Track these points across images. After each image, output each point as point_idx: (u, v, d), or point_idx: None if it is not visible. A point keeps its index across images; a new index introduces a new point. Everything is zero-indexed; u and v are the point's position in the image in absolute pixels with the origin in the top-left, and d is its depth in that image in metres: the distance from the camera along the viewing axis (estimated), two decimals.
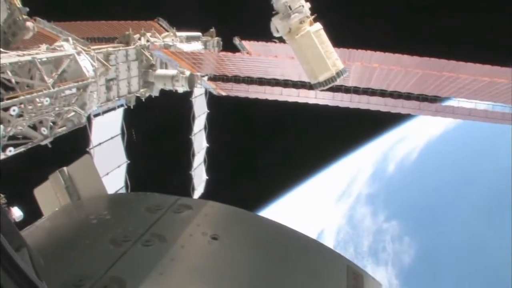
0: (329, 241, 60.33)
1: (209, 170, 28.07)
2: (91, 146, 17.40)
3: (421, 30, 41.92)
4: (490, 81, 19.29)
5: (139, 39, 20.82)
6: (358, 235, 61.00)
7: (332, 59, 12.65)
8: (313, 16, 12.88)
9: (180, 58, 20.71)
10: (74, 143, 17.52)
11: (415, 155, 66.02)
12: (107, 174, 18.51)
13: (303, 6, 12.72)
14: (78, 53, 15.54)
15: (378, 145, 66.61)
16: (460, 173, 59.33)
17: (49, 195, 3.44)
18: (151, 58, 20.71)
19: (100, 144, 18.03)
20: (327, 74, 12.55)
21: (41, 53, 14.37)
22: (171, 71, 21.04)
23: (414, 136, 66.97)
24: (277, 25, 12.77)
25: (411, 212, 60.03)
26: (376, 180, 66.65)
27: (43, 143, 14.62)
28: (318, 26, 12.82)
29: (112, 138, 19.06)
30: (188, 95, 23.76)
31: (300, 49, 12.62)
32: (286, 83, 22.91)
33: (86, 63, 15.71)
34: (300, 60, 12.96)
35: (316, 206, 64.74)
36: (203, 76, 23.39)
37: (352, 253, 58.61)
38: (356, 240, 60.57)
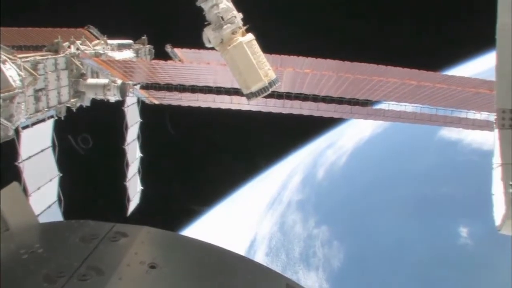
0: (261, 249, 61.15)
1: (144, 180, 27.75)
2: (20, 160, 16.79)
3: (352, 36, 43.15)
4: (417, 84, 20.23)
5: (69, 47, 20.31)
6: (289, 242, 61.97)
7: (265, 69, 12.81)
8: (245, 27, 13.03)
9: (112, 66, 20.39)
10: (2, 157, 16.89)
11: (344, 159, 67.79)
12: (39, 188, 17.86)
13: (235, 16, 12.82)
14: (3, 62, 15.01)
15: (309, 150, 68.01)
16: (387, 176, 61.61)
17: None
18: (81, 66, 20.26)
19: (30, 157, 17.36)
20: (260, 84, 12.69)
21: None
22: (102, 80, 20.66)
23: (343, 141, 68.88)
24: (209, 35, 12.81)
25: (339, 216, 61.66)
26: (306, 186, 67.88)
27: None
28: (250, 36, 12.95)
29: (42, 150, 18.40)
30: (120, 104, 23.43)
31: (233, 59, 12.71)
32: (218, 90, 23.00)
33: (12, 73, 15.18)
34: (233, 70, 13.05)
35: (249, 214, 65.38)
36: (135, 85, 23.13)
37: (284, 259, 59.54)
38: (287, 247, 61.48)
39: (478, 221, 46.83)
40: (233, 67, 12.99)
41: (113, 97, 20.61)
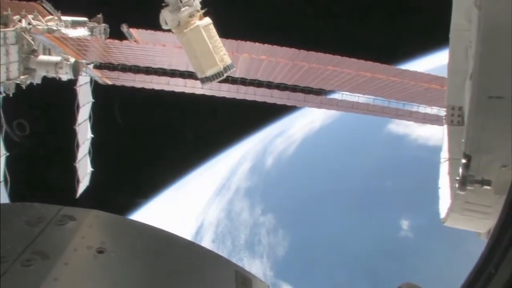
0: (208, 235, 61.24)
1: (94, 162, 27.20)
2: None
3: (309, 25, 43.50)
4: (371, 76, 20.66)
5: (20, 21, 19.72)
6: (235, 229, 62.19)
7: (220, 54, 12.82)
8: (203, 11, 12.99)
9: (65, 44, 19.92)
10: None
11: (293, 148, 68.41)
12: None
13: None
14: None
15: (260, 138, 68.28)
16: (334, 167, 62.66)
17: None
18: (32, 42, 19.73)
19: None
20: (215, 69, 12.70)
21: None
22: (54, 58, 20.17)
23: (293, 130, 69.43)
24: (166, 17, 12.68)
25: (286, 205, 62.35)
26: (255, 174, 68.20)
27: None
28: (207, 20, 12.91)
29: None
30: (72, 83, 22.90)
31: (189, 43, 12.66)
32: (173, 73, 22.83)
33: None
34: (188, 54, 12.99)
35: (197, 200, 65.27)
36: (88, 64, 22.68)
37: (230, 246, 59.86)
38: (233, 234, 61.69)
39: (418, 215, 48.52)
40: (189, 50, 12.95)
41: (65, 76, 20.16)
